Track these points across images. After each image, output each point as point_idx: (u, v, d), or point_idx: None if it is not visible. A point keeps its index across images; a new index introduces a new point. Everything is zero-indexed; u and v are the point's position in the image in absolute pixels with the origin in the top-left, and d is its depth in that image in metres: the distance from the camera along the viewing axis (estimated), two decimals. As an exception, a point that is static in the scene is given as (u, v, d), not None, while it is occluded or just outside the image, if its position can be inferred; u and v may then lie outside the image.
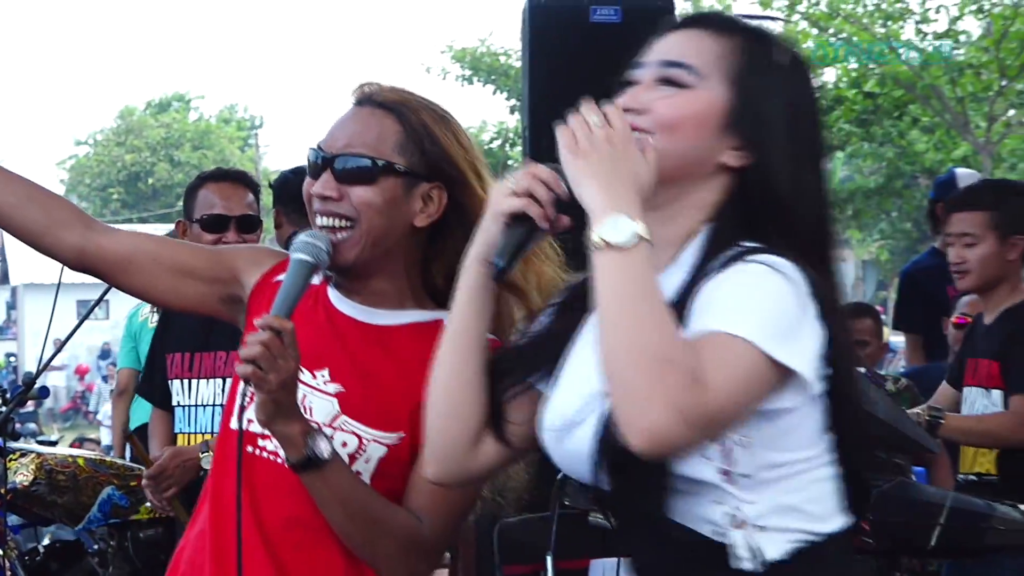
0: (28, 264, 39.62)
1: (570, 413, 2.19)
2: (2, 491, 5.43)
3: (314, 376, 2.86)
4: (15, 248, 40.73)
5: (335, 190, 2.81)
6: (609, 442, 2.05)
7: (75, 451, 7.13)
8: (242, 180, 5.39)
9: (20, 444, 6.09)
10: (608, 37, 5.88)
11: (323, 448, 2.65)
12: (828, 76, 27.02)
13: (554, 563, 4.24)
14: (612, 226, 2.00)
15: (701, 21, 2.31)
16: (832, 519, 2.16)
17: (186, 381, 5.17)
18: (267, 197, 5.65)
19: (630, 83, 2.26)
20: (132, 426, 7.52)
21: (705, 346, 1.97)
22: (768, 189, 2.19)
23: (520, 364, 2.40)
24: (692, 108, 2.20)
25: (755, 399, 2.01)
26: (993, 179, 5.40)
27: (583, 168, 2.07)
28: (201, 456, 4.91)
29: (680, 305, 2.07)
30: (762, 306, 2.02)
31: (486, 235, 2.30)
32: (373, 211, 2.79)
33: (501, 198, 2.27)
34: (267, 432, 2.77)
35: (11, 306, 49.67)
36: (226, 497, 2.84)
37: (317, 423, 2.76)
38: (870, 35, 24.63)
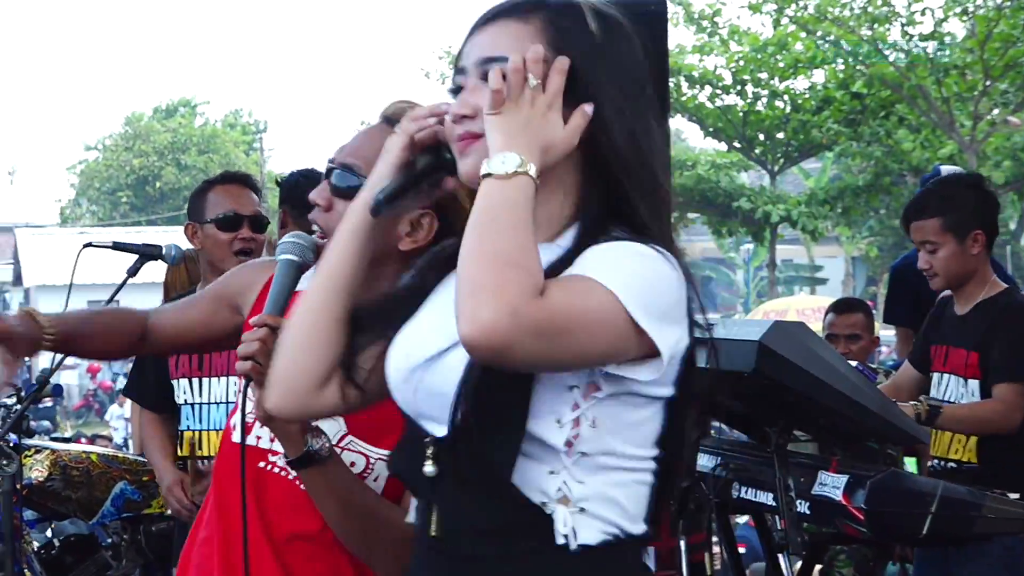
0: (41, 266, 39.66)
1: (432, 350, 2.17)
2: (18, 486, 5.51)
3: None
4: (27, 250, 40.79)
5: (326, 200, 2.84)
6: (476, 376, 2.05)
7: (89, 447, 7.19)
8: (248, 183, 5.48)
9: (35, 441, 6.15)
10: (603, 40, 5.99)
11: (321, 445, 2.64)
12: (817, 77, 27.13)
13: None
14: (499, 160, 2.02)
15: (504, 11, 2.23)
16: (640, 523, 2.15)
17: (195, 380, 5.23)
18: (272, 199, 5.74)
19: (457, 91, 2.24)
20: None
21: (566, 280, 2.00)
22: (609, 150, 2.15)
23: (380, 317, 2.37)
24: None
25: (601, 344, 1.99)
26: (943, 178, 5.33)
27: (498, 122, 2.07)
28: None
29: (556, 271, 2.05)
30: (643, 276, 2.03)
31: (376, 178, 2.33)
32: None
33: (391, 142, 2.30)
34: (278, 448, 2.79)
35: (24, 307, 49.71)
36: (233, 509, 2.86)
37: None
38: (857, 37, 24.70)
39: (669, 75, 6.77)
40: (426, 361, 2.18)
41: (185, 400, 5.26)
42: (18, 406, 5.47)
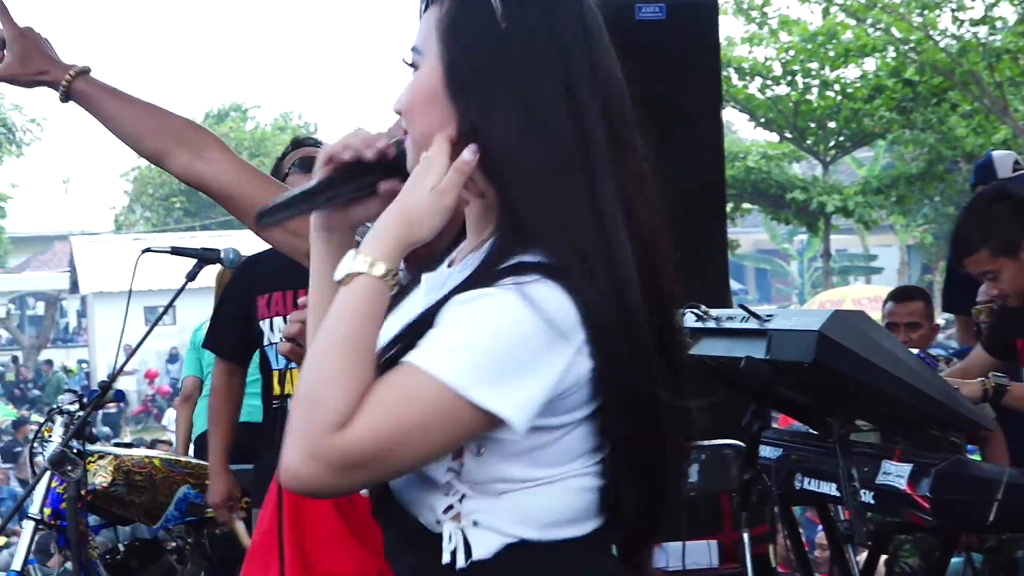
0: (97, 273, 39.92)
1: None
2: (82, 492, 5.55)
3: None
4: (84, 259, 41.07)
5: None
6: None
7: (151, 452, 7.24)
8: (319, 145, 5.55)
9: (98, 447, 6.20)
10: (654, 34, 5.94)
11: None
12: (868, 66, 26.95)
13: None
14: (345, 262, 1.92)
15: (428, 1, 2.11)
16: (569, 527, 2.01)
17: (267, 320, 5.34)
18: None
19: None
20: (196, 432, 7.70)
21: (388, 380, 1.86)
22: (488, 153, 1.98)
23: None
24: (416, 88, 2.07)
25: (441, 441, 1.86)
26: (970, 205, 5.20)
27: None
28: None
29: (428, 318, 1.94)
30: (483, 343, 1.85)
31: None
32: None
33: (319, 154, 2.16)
34: None
35: (81, 314, 50.02)
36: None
37: None
38: (908, 24, 24.53)
39: (720, 66, 6.73)
40: None
41: (271, 342, 5.31)
42: (81, 412, 5.52)
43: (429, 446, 1.86)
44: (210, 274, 5.99)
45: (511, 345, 1.84)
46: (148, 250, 5.26)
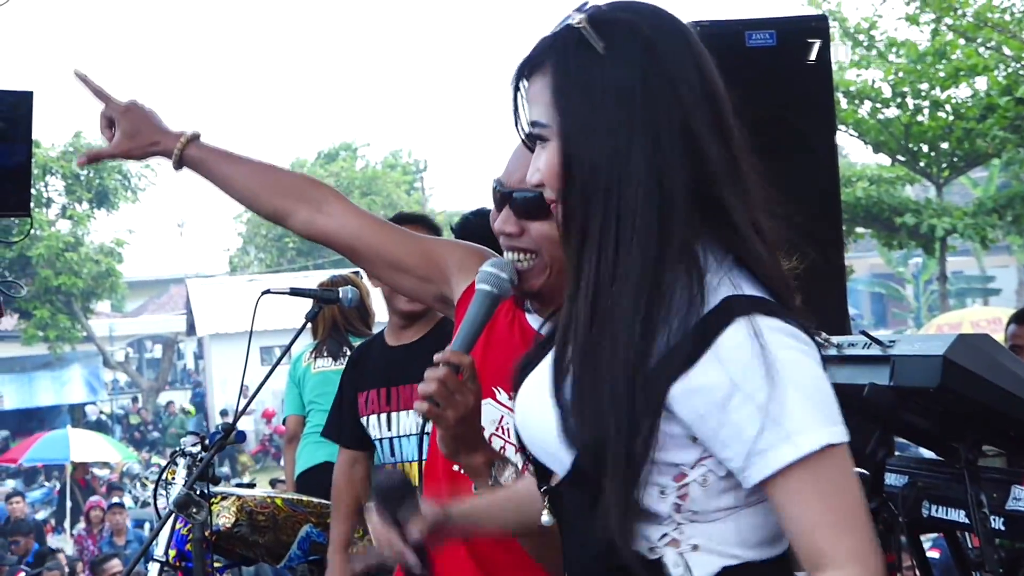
0: (213, 315, 40.35)
1: (537, 407, 2.16)
2: (207, 533, 5.59)
3: (511, 397, 2.77)
4: (200, 301, 41.56)
5: (515, 225, 2.84)
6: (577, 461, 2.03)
7: (273, 492, 7.28)
8: (422, 222, 5.58)
9: (221, 488, 6.25)
10: (765, 61, 5.92)
11: (508, 477, 2.64)
12: (979, 85, 26.56)
13: None
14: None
15: (523, 70, 2.17)
16: (775, 545, 2.07)
17: (383, 415, 5.35)
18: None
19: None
20: (299, 469, 7.75)
21: (823, 496, 1.94)
22: (615, 200, 2.01)
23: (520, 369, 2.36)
24: (552, 158, 2.09)
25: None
26: None
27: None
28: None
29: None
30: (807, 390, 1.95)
31: None
32: (553, 243, 2.74)
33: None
34: None
35: (198, 356, 50.63)
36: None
37: (510, 443, 2.84)
38: (1019, 42, 24.19)
39: (833, 90, 6.67)
40: (534, 417, 2.20)
41: (377, 436, 5.36)
42: (204, 454, 5.56)
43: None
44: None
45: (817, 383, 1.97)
46: (268, 292, 5.31)
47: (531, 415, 2.19)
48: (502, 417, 2.95)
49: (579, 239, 2.05)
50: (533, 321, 2.99)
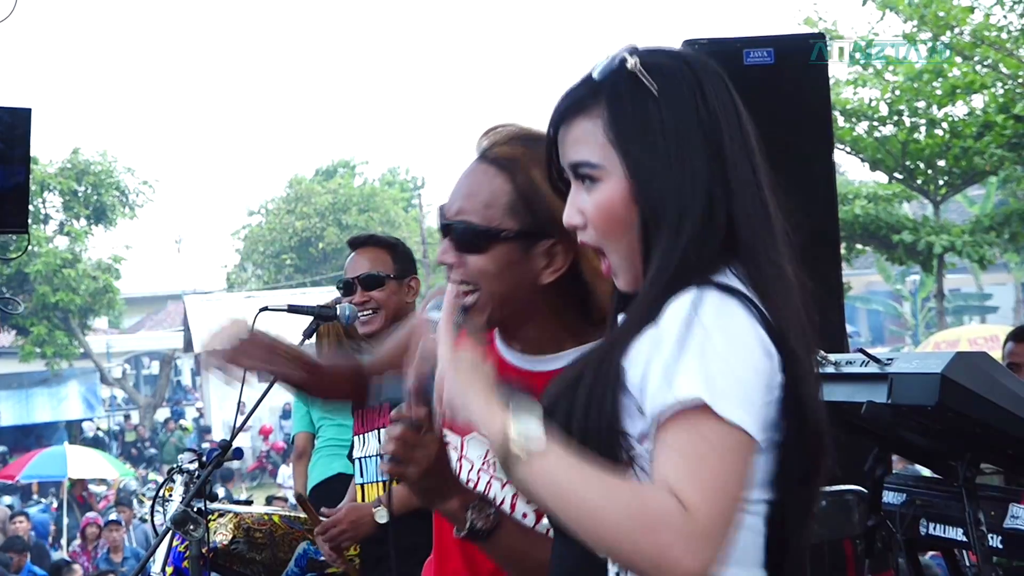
0: (210, 331, 40.29)
1: None
2: (204, 550, 5.58)
3: None
4: (198, 317, 41.50)
5: (454, 256, 2.77)
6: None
7: (270, 509, 7.28)
8: (356, 244, 5.81)
9: (218, 504, 6.24)
10: (762, 79, 5.92)
11: (484, 519, 2.65)
12: (976, 102, 26.59)
13: None
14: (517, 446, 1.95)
15: (570, 109, 2.21)
16: (741, 569, 2.05)
17: (360, 436, 5.46)
18: (432, 253, 5.87)
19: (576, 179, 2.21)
20: (314, 481, 7.75)
21: (680, 447, 1.90)
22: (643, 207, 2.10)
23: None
24: (611, 203, 2.13)
25: (745, 476, 1.95)
26: None
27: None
28: (375, 511, 5.12)
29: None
30: (730, 366, 1.94)
31: None
32: (489, 278, 2.74)
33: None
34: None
35: (195, 372, 50.60)
36: (446, 541, 2.94)
37: (496, 478, 2.83)
38: (1016, 60, 24.22)
39: (831, 108, 6.69)
40: None
41: (354, 456, 5.48)
42: (201, 471, 5.56)
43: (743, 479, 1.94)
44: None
45: (744, 358, 1.96)
46: (265, 309, 5.31)
47: None
48: (487, 452, 2.90)
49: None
50: (503, 350, 2.95)
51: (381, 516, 5.01)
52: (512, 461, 1.93)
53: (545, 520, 2.77)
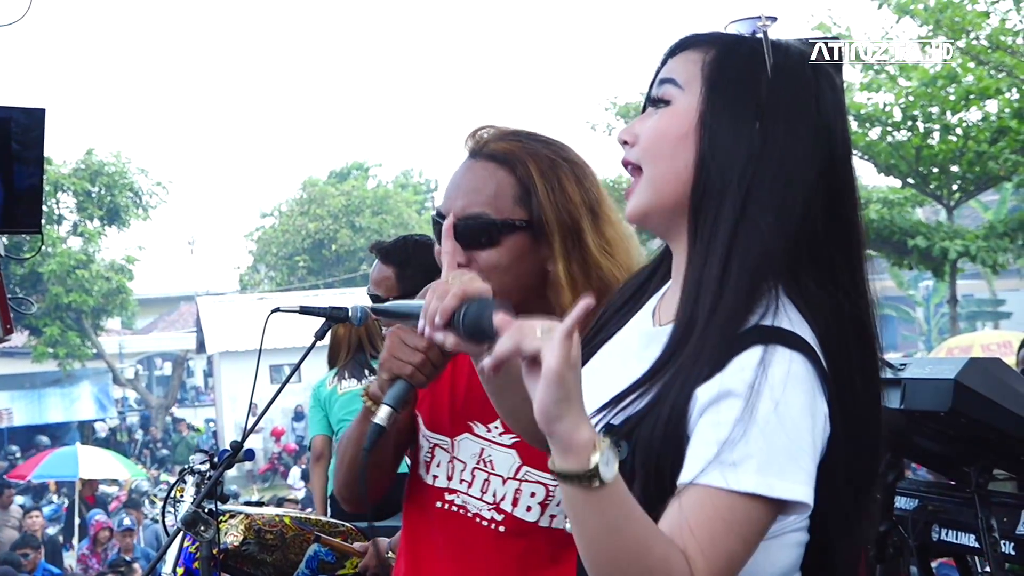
0: (223, 333, 40.37)
1: None
2: (215, 552, 5.58)
3: (488, 429, 2.89)
4: (210, 319, 41.60)
5: (463, 256, 2.74)
6: None
7: (281, 510, 7.28)
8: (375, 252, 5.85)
9: (229, 506, 6.24)
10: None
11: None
12: (990, 107, 26.53)
13: None
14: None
15: (688, 42, 2.16)
16: None
17: None
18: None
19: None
20: (331, 490, 7.75)
21: (704, 519, 1.88)
22: (724, 209, 2.04)
23: None
24: (668, 124, 2.10)
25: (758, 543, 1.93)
26: None
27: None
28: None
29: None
30: (784, 434, 1.90)
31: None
32: (501, 272, 2.73)
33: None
34: (456, 487, 2.89)
35: (208, 373, 50.66)
36: (423, 547, 2.95)
37: (494, 475, 2.86)
38: (1030, 65, 24.18)
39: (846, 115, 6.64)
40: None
41: None
42: (212, 472, 5.55)
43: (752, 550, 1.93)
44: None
45: (800, 429, 1.93)
46: (277, 310, 5.31)
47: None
48: (482, 450, 2.90)
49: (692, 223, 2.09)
50: None
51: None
52: (584, 482, 1.82)
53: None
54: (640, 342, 2.20)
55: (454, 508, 2.92)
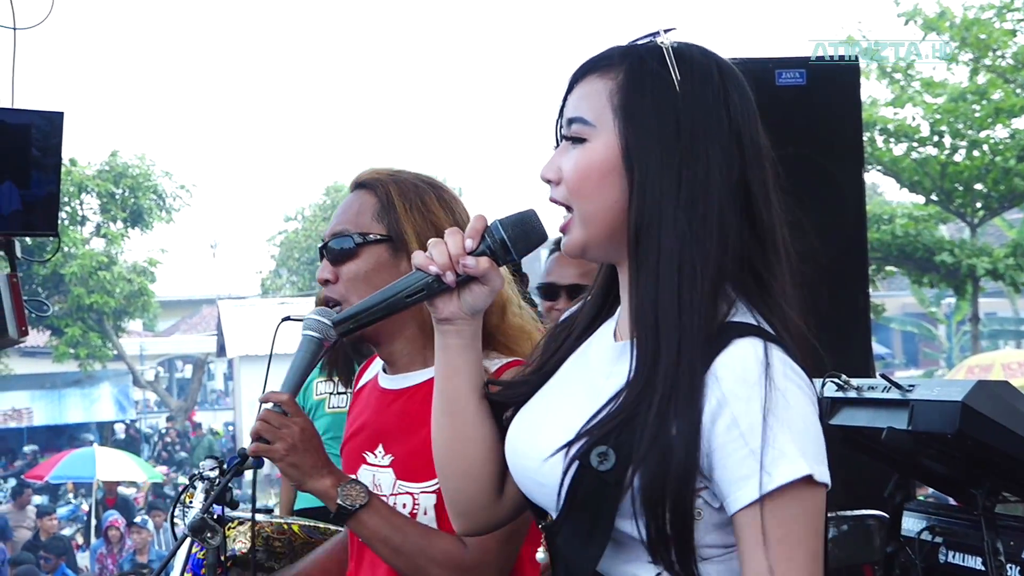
0: (244, 337, 40.42)
1: (547, 450, 2.09)
2: (222, 559, 5.58)
3: (374, 455, 3.13)
4: (231, 322, 41.67)
5: (331, 273, 3.13)
6: (574, 482, 2.00)
7: (289, 518, 7.28)
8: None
9: (238, 512, 6.23)
10: (794, 100, 5.91)
11: (355, 496, 2.91)
12: (1017, 125, 26.48)
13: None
14: None
15: (590, 67, 2.16)
16: None
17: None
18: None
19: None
20: (298, 506, 7.71)
21: (778, 535, 1.92)
22: (657, 232, 2.04)
23: (515, 399, 2.30)
24: (589, 162, 2.09)
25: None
26: None
27: None
28: None
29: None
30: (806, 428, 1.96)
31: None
32: (359, 282, 3.05)
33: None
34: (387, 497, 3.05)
35: (228, 377, 50.73)
36: (366, 548, 3.14)
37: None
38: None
39: (863, 127, 6.66)
40: (541, 460, 2.12)
41: None
42: (221, 478, 5.56)
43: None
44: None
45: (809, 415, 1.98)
46: (287, 319, 5.31)
47: (548, 462, 2.12)
48: (373, 476, 3.14)
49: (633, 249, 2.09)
50: (381, 378, 3.22)
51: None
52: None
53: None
54: (608, 356, 2.20)
55: None
